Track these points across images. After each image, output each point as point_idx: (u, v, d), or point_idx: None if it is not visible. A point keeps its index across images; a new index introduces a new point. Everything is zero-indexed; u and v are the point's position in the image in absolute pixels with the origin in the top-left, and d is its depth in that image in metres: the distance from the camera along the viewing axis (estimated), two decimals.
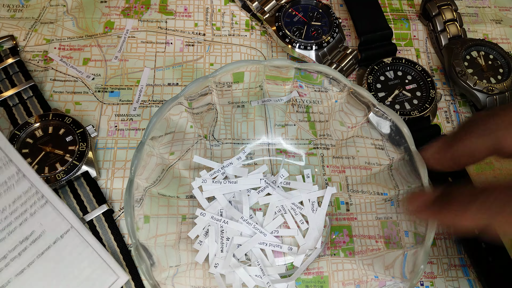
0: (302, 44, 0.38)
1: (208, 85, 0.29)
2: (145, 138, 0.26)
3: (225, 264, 0.30)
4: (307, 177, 0.34)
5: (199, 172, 0.34)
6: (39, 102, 0.36)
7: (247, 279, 0.30)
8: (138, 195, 0.26)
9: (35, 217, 0.30)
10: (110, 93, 0.38)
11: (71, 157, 0.33)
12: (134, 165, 0.25)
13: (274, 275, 0.31)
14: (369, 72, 0.37)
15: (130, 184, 0.25)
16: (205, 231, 0.32)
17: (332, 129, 0.34)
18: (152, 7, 0.42)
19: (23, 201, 0.30)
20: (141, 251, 0.24)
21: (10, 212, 0.30)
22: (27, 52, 0.39)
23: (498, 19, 0.45)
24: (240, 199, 0.33)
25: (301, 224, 0.33)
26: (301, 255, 0.31)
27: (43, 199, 0.30)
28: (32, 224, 0.30)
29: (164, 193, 0.31)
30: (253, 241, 0.31)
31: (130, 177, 0.25)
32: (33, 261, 0.29)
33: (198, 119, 0.32)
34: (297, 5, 0.40)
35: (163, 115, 0.27)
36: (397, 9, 0.45)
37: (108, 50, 0.40)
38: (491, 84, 0.37)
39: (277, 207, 0.33)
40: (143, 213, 0.27)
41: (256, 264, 0.31)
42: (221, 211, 0.32)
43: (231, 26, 0.42)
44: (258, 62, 0.29)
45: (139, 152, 0.26)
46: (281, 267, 0.31)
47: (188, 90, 0.27)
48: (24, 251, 0.29)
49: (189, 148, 0.34)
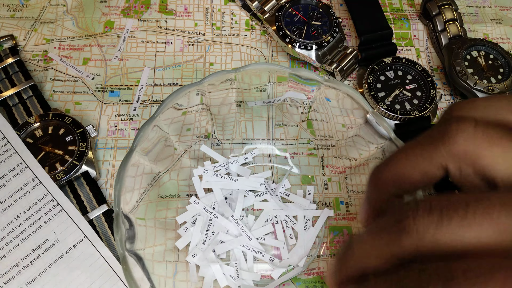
0: (302, 43, 0.38)
1: (229, 78, 0.29)
2: (155, 115, 0.27)
3: (203, 256, 0.30)
4: (308, 193, 0.34)
5: (203, 162, 0.34)
6: (39, 102, 0.36)
7: (220, 276, 0.30)
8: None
9: (49, 225, 0.30)
10: (110, 93, 0.38)
11: (71, 157, 0.33)
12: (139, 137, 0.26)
13: (248, 280, 0.30)
14: (369, 72, 0.37)
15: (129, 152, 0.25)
16: (194, 220, 0.32)
17: (334, 130, 0.33)
18: (152, 7, 0.42)
19: (38, 208, 0.30)
20: (119, 219, 0.24)
21: (25, 219, 0.30)
22: (27, 52, 0.39)
23: (499, 18, 0.45)
24: (236, 198, 0.32)
25: (290, 238, 0.32)
26: (281, 268, 0.31)
27: (58, 207, 0.30)
28: (46, 232, 0.30)
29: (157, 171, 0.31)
30: (237, 242, 0.31)
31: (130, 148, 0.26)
32: (45, 270, 0.29)
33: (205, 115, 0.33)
34: (297, 5, 0.40)
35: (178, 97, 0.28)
36: (397, 8, 0.45)
37: (108, 50, 0.39)
38: (492, 84, 0.37)
39: (270, 215, 0.32)
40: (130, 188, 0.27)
41: (234, 265, 0.30)
42: (215, 204, 0.32)
43: (231, 25, 0.42)
44: (281, 68, 0.29)
45: (147, 125, 0.26)
46: (257, 275, 0.30)
47: (208, 80, 0.28)
48: (37, 260, 0.29)
49: (195, 142, 0.34)
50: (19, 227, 0.30)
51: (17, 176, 0.31)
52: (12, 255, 0.29)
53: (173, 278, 0.29)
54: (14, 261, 0.29)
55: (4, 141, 0.32)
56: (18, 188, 0.31)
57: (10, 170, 0.31)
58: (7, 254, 0.29)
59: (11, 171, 0.31)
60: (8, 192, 0.31)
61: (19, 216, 0.30)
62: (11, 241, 0.29)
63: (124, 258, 0.23)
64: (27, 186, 0.31)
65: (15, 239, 0.29)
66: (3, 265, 0.29)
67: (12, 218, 0.30)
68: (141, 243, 0.27)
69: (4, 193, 0.31)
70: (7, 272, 0.28)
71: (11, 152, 0.32)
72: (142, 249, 0.27)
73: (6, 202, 0.30)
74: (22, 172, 0.31)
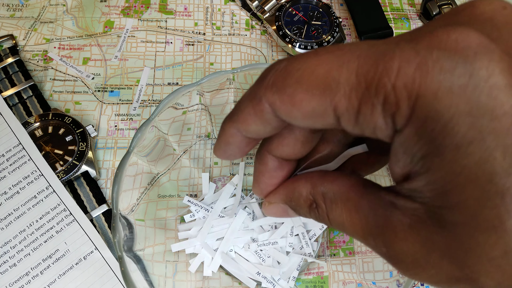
0: (303, 43, 0.38)
1: (228, 78, 0.29)
2: (153, 116, 0.26)
3: (200, 237, 0.30)
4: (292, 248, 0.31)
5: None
6: (38, 101, 0.35)
7: (205, 255, 0.30)
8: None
9: (61, 235, 0.30)
10: (110, 92, 0.37)
11: (70, 157, 0.33)
12: (136, 138, 0.26)
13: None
14: None
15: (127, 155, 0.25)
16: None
17: None
18: (152, 7, 0.42)
19: (51, 217, 0.30)
20: (117, 221, 0.24)
21: (37, 228, 0.30)
22: (27, 52, 0.39)
23: None
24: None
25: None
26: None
27: (71, 217, 0.30)
28: (57, 242, 0.29)
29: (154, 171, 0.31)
30: (229, 236, 0.30)
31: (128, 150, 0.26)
32: (54, 280, 0.29)
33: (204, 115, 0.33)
34: (297, 4, 0.40)
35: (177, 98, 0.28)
36: (398, 8, 0.45)
37: (108, 50, 0.39)
38: None
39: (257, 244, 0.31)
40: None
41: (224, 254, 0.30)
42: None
43: (231, 25, 0.42)
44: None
45: (144, 126, 0.26)
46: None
47: (204, 81, 0.28)
48: (47, 270, 0.29)
49: (194, 143, 0.34)
50: (31, 236, 0.29)
51: (31, 184, 0.31)
52: (23, 264, 0.29)
53: (172, 278, 0.29)
54: (24, 270, 0.29)
55: (19, 147, 0.32)
56: (31, 196, 0.31)
57: (25, 177, 0.31)
58: (18, 262, 0.29)
59: (26, 179, 0.31)
60: (22, 200, 0.30)
61: (31, 225, 0.30)
62: (22, 249, 0.29)
63: (122, 260, 0.23)
64: (40, 195, 0.31)
65: (27, 247, 0.29)
66: (14, 273, 0.28)
67: (25, 227, 0.30)
68: (141, 244, 0.27)
69: (18, 201, 0.30)
70: (17, 281, 0.28)
71: (26, 159, 0.32)
72: (142, 249, 0.27)
73: (20, 210, 0.30)
74: (37, 180, 0.31)
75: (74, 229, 0.30)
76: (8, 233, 0.29)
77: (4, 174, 0.31)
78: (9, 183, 0.31)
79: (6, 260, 0.29)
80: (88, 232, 0.30)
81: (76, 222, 0.30)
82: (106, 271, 0.29)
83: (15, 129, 0.33)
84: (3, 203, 0.30)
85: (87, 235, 0.30)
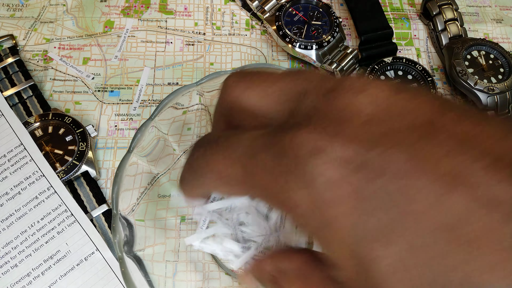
0: (303, 43, 0.38)
1: None
2: (152, 117, 0.26)
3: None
4: None
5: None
6: (38, 101, 0.36)
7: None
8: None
9: (62, 236, 0.30)
10: (110, 92, 0.38)
11: (70, 157, 0.33)
12: (137, 138, 0.26)
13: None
14: (369, 71, 0.37)
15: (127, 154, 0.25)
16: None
17: None
18: (152, 6, 0.42)
19: (52, 218, 0.30)
20: (117, 222, 0.23)
21: (38, 229, 0.30)
22: (27, 52, 0.39)
23: (499, 18, 0.45)
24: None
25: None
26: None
27: (72, 218, 0.30)
28: (58, 243, 0.30)
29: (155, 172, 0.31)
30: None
31: (128, 149, 0.25)
32: (55, 281, 0.29)
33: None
34: (297, 4, 0.40)
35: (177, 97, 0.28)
36: (398, 8, 0.45)
37: (108, 50, 0.39)
38: (492, 84, 0.37)
39: None
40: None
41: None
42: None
43: (231, 25, 0.42)
44: (279, 69, 0.29)
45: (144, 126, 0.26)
46: None
47: (204, 81, 0.28)
48: (48, 271, 0.29)
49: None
50: (32, 237, 0.29)
51: (33, 185, 0.31)
52: (24, 264, 0.29)
53: (172, 278, 0.29)
54: (25, 271, 0.29)
55: (20, 148, 0.32)
56: (33, 197, 0.31)
57: (26, 178, 0.31)
58: (19, 263, 0.29)
59: (27, 179, 0.31)
60: (23, 201, 0.30)
61: (32, 225, 0.30)
62: (23, 250, 0.29)
63: (122, 260, 0.23)
64: (42, 195, 0.31)
65: (28, 248, 0.29)
66: (15, 274, 0.28)
67: (26, 227, 0.30)
68: (141, 244, 0.27)
69: (19, 202, 0.30)
70: (18, 282, 0.28)
71: (27, 159, 0.32)
72: (142, 249, 0.27)
73: (21, 211, 0.30)
74: (38, 180, 0.31)
75: (75, 230, 0.30)
76: (10, 234, 0.30)
77: (6, 175, 0.31)
78: (10, 183, 0.31)
79: (7, 261, 0.29)
80: (89, 233, 0.30)
81: (77, 223, 0.30)
82: (107, 272, 0.29)
83: (17, 130, 0.33)
84: (5, 204, 0.30)
85: (88, 236, 0.30)
